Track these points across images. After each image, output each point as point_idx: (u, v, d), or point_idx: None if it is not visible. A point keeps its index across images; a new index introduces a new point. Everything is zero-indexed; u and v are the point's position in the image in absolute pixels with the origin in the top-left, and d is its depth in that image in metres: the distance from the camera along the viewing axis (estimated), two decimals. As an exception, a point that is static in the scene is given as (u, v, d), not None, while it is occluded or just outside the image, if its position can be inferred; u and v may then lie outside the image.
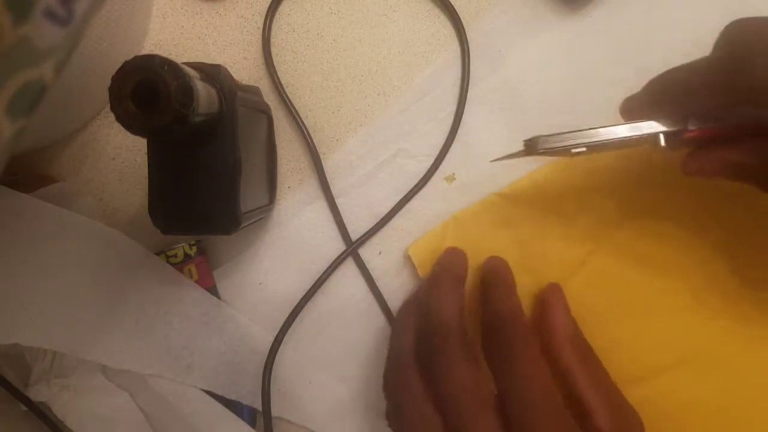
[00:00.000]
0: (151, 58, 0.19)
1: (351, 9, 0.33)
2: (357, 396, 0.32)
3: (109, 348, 0.31)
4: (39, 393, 0.30)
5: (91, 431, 0.31)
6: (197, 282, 0.32)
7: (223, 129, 0.23)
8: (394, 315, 0.32)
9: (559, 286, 0.30)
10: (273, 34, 0.33)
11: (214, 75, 0.23)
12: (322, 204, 0.33)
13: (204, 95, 0.21)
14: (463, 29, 0.33)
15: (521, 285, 0.28)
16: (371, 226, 0.32)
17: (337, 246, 0.33)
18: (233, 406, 0.32)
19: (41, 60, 0.16)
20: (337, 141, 0.33)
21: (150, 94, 0.18)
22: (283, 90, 0.33)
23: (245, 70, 0.33)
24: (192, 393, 0.31)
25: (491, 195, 0.32)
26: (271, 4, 0.33)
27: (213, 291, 0.32)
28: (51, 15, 0.15)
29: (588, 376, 0.25)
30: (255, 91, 0.30)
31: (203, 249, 0.33)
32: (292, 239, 0.33)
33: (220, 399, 0.32)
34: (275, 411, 0.31)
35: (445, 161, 0.33)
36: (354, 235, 0.33)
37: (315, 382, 0.32)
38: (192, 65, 0.22)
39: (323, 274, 0.32)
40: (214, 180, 0.24)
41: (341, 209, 0.33)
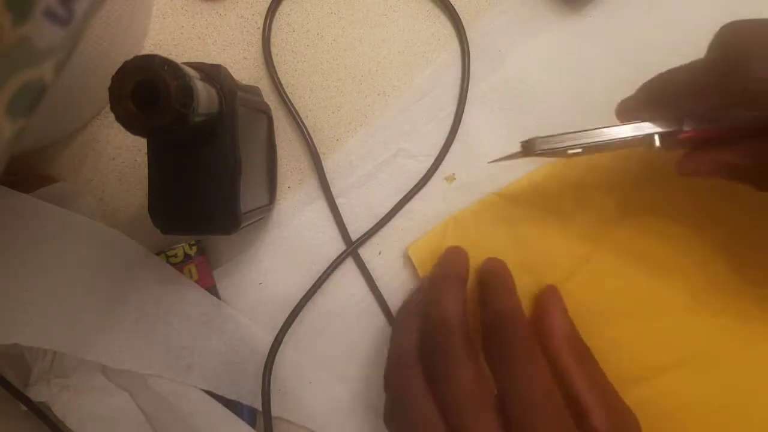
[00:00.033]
0: (151, 58, 0.19)
1: (351, 9, 0.33)
2: (357, 396, 0.32)
3: (109, 348, 0.31)
4: (39, 393, 0.30)
5: (91, 431, 0.31)
6: (197, 282, 0.32)
7: (223, 129, 0.23)
8: (394, 315, 0.32)
9: (557, 288, 0.30)
10: (273, 34, 0.33)
11: (214, 75, 0.23)
12: (322, 204, 0.33)
13: (204, 95, 0.21)
14: (463, 29, 0.33)
15: (521, 285, 0.28)
16: (371, 226, 0.32)
17: (337, 246, 0.33)
18: (233, 406, 0.32)
19: (41, 60, 0.16)
20: (337, 141, 0.33)
21: (150, 94, 0.18)
22: (283, 90, 0.33)
23: (245, 70, 0.33)
24: (192, 393, 0.31)
25: (491, 195, 0.32)
26: (271, 4, 0.33)
27: (213, 291, 0.32)
28: (51, 15, 0.15)
29: (585, 377, 0.25)
30: (255, 91, 0.30)
31: (203, 249, 0.33)
32: (292, 239, 0.33)
33: (220, 399, 0.32)
34: (275, 411, 0.31)
35: (445, 161, 0.33)
36: (354, 235, 0.33)
37: (315, 382, 0.32)
38: (192, 65, 0.22)
39: (323, 274, 0.32)
40: (214, 180, 0.24)
41: (341, 209, 0.33)
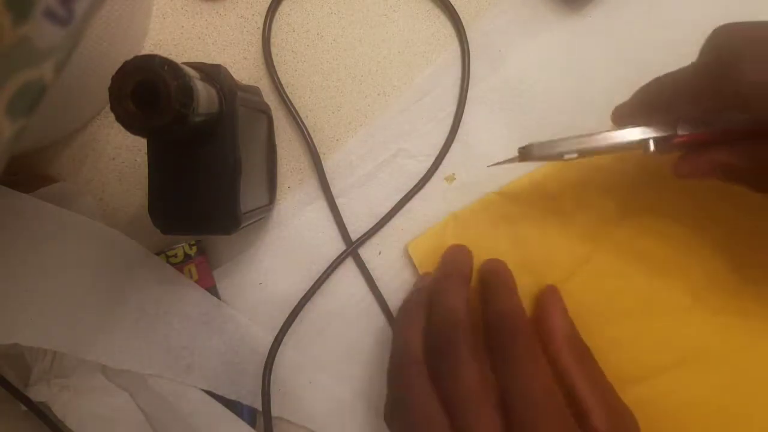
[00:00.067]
0: (151, 58, 0.19)
1: (351, 9, 0.33)
2: (357, 396, 0.32)
3: (109, 348, 0.31)
4: (39, 393, 0.31)
5: (91, 431, 0.31)
6: (197, 282, 0.32)
7: (223, 129, 0.23)
8: (394, 315, 0.32)
9: (557, 288, 0.30)
10: (273, 34, 0.33)
11: (214, 75, 0.23)
12: (322, 204, 0.33)
13: (204, 95, 0.21)
14: (463, 29, 0.33)
15: (521, 285, 0.28)
16: (371, 226, 0.32)
17: (337, 246, 0.33)
18: (233, 406, 0.32)
19: (41, 60, 0.16)
20: (337, 141, 0.33)
21: (150, 94, 0.18)
22: (283, 90, 0.33)
23: (245, 70, 0.33)
24: (192, 393, 0.31)
25: (491, 194, 0.32)
26: (271, 4, 0.33)
27: (213, 291, 0.32)
28: (51, 15, 0.15)
29: (585, 376, 0.25)
30: (255, 91, 0.30)
31: (203, 249, 0.33)
32: (292, 239, 0.33)
33: (220, 399, 0.32)
34: (275, 411, 0.31)
35: (445, 161, 0.33)
36: (354, 235, 0.33)
37: (315, 382, 0.32)
38: (192, 65, 0.22)
39: (323, 274, 0.32)
40: (214, 180, 0.24)
41: (341, 209, 0.33)
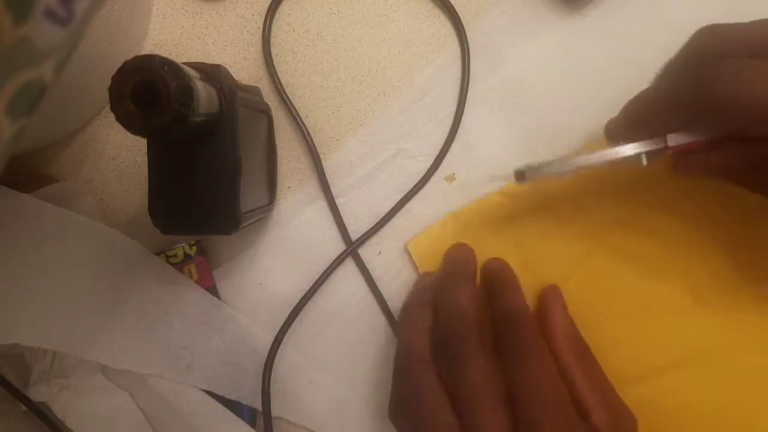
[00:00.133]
0: (151, 58, 0.19)
1: (351, 9, 0.33)
2: (357, 396, 0.32)
3: (109, 348, 0.31)
4: (39, 393, 0.30)
5: (91, 431, 0.31)
6: (197, 282, 0.32)
7: (223, 129, 0.23)
8: (394, 315, 0.32)
9: (557, 287, 0.30)
10: (273, 34, 0.33)
11: (214, 75, 0.23)
12: (322, 204, 0.33)
13: (204, 95, 0.21)
14: (463, 29, 0.33)
15: (522, 284, 0.28)
16: (371, 226, 0.32)
17: (337, 246, 0.33)
18: (233, 406, 0.32)
19: (41, 60, 0.16)
20: (337, 141, 0.33)
21: (150, 94, 0.18)
22: (283, 90, 0.33)
23: (245, 70, 0.33)
24: (192, 393, 0.31)
25: (491, 193, 0.32)
26: (271, 4, 0.33)
27: (213, 291, 0.32)
28: (51, 15, 0.16)
29: (586, 376, 0.25)
30: (255, 91, 0.30)
31: (203, 249, 0.33)
32: (292, 239, 0.33)
33: (220, 399, 0.32)
34: (275, 411, 0.31)
35: (445, 161, 0.33)
36: (354, 235, 0.33)
37: (315, 382, 0.32)
38: (192, 65, 0.22)
39: (323, 274, 0.32)
40: (214, 180, 0.24)
41: (341, 209, 0.33)
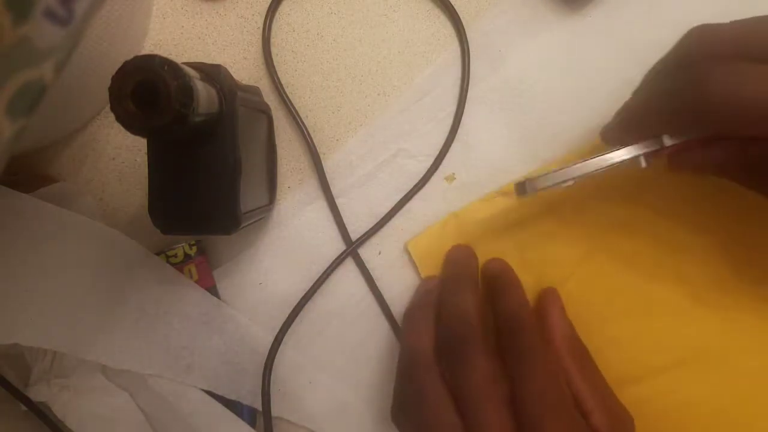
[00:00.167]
0: (151, 58, 0.19)
1: (351, 9, 0.33)
2: (357, 396, 0.32)
3: (109, 348, 0.31)
4: (39, 393, 0.31)
5: (91, 431, 0.31)
6: (197, 282, 0.32)
7: (223, 129, 0.23)
8: (394, 315, 0.32)
9: (556, 289, 0.30)
10: (273, 34, 0.33)
11: (214, 75, 0.23)
12: (322, 204, 0.33)
13: (204, 95, 0.21)
14: (463, 29, 0.33)
15: (522, 284, 0.28)
16: (371, 226, 0.32)
17: (337, 246, 0.33)
18: (233, 406, 0.32)
19: (41, 60, 0.16)
20: (337, 141, 0.33)
21: (150, 94, 0.18)
22: (283, 90, 0.33)
23: (245, 70, 0.33)
24: (192, 393, 0.31)
25: (491, 193, 0.32)
26: (271, 4, 0.33)
27: (213, 291, 0.32)
28: (51, 15, 0.15)
29: (584, 377, 0.26)
30: (255, 91, 0.30)
31: (203, 249, 0.33)
32: (292, 239, 0.33)
33: (220, 399, 0.32)
34: (275, 411, 0.31)
35: (445, 161, 0.33)
36: (354, 235, 0.33)
37: (315, 382, 0.32)
38: (192, 65, 0.22)
39: (323, 274, 0.32)
40: (214, 180, 0.24)
41: (341, 209, 0.33)
